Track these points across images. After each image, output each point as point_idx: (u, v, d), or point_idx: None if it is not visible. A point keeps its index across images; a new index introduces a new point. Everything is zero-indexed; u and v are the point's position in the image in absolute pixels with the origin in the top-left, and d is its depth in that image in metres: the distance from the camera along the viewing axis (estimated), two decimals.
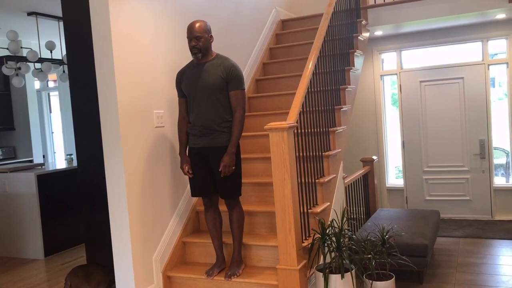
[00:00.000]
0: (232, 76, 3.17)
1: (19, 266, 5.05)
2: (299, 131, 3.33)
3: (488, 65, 5.89)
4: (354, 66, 4.66)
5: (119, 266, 3.26)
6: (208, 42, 3.20)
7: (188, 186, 3.82)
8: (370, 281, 3.28)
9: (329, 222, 3.54)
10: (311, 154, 3.50)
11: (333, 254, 3.09)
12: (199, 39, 3.15)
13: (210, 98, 3.19)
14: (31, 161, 7.87)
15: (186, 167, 3.28)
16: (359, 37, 4.89)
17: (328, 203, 3.68)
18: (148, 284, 3.35)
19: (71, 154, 5.98)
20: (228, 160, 3.14)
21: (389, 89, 6.60)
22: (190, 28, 3.16)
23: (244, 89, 3.23)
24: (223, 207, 3.66)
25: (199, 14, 4.08)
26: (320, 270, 3.08)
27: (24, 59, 6.21)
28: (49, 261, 5.14)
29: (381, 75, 6.47)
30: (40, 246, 5.24)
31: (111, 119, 3.17)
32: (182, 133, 3.35)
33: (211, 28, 4.25)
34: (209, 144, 3.23)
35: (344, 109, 4.24)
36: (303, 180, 3.34)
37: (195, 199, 3.88)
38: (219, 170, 3.18)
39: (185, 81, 3.27)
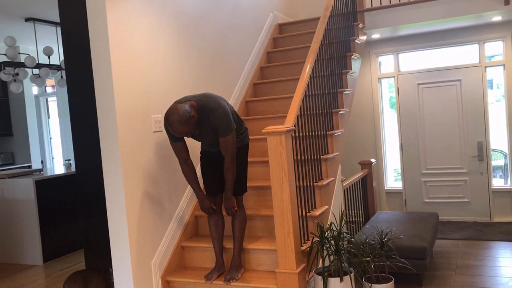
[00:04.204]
0: (217, 126, 3.07)
1: (17, 272, 5.03)
2: (297, 134, 3.33)
3: (485, 67, 5.91)
4: (351, 69, 4.67)
5: (118, 271, 3.25)
6: (196, 124, 3.03)
7: (187, 190, 3.82)
8: (369, 284, 3.27)
9: (327, 225, 3.54)
10: (309, 157, 3.50)
11: (332, 257, 3.09)
12: (190, 134, 3.03)
13: (215, 140, 3.21)
14: (29, 166, 7.86)
15: (210, 204, 3.30)
16: (356, 40, 4.90)
17: (327, 206, 3.68)
18: None
19: (69, 160, 5.98)
20: (227, 204, 3.24)
21: (386, 91, 6.61)
22: (178, 134, 2.98)
23: (232, 132, 3.10)
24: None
25: (196, 19, 4.09)
26: (319, 274, 3.08)
27: (22, 65, 6.21)
28: (48, 267, 5.13)
29: (378, 78, 6.49)
30: (39, 251, 5.23)
31: (109, 124, 3.17)
32: (190, 177, 3.26)
33: (209, 31, 4.26)
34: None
35: (341, 112, 4.25)
36: (301, 184, 3.34)
37: (194, 203, 3.88)
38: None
39: None
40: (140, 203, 3.31)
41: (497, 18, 5.34)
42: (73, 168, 5.90)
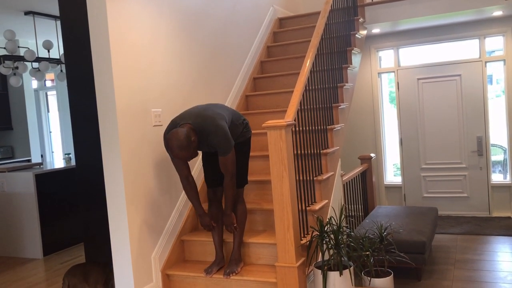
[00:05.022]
0: (216, 146, 3.06)
1: (18, 265, 5.05)
2: (297, 129, 3.34)
3: (485, 62, 5.90)
4: (351, 64, 4.66)
5: (118, 264, 3.26)
6: (196, 148, 3.02)
7: None
8: (369, 278, 3.29)
9: (327, 220, 3.55)
10: (309, 151, 3.51)
11: (331, 251, 3.10)
12: (190, 158, 3.02)
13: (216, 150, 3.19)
14: (29, 160, 7.87)
15: (210, 221, 3.27)
16: (356, 35, 4.89)
17: (326, 201, 3.69)
18: (147, 283, 3.36)
19: (69, 153, 5.98)
20: (226, 220, 3.25)
21: (386, 86, 6.61)
22: (178, 159, 3.02)
23: (231, 150, 3.07)
24: None
25: (196, 13, 4.08)
26: (318, 267, 3.09)
27: (21, 59, 6.20)
28: (48, 260, 5.14)
29: (378, 73, 6.48)
30: (39, 245, 5.24)
31: (109, 118, 3.17)
32: (191, 194, 3.24)
33: (209, 25, 4.26)
34: None
35: (341, 107, 4.25)
36: (301, 178, 3.35)
37: None
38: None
39: None
40: (140, 197, 3.32)
41: (498, 13, 5.33)
42: (73, 162, 5.90)
